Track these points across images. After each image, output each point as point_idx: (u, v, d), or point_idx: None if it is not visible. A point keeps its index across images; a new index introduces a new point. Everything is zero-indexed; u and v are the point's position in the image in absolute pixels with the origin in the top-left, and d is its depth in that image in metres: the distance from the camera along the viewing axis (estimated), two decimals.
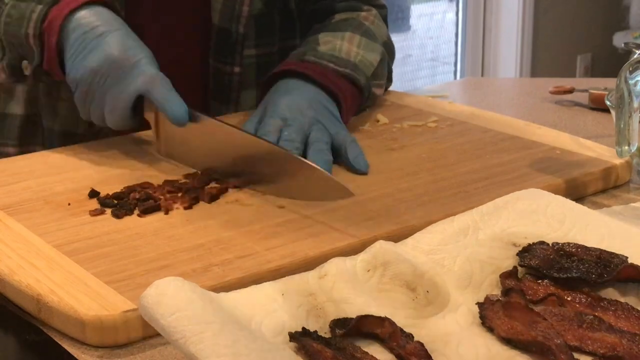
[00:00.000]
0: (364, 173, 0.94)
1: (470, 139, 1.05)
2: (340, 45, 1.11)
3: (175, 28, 1.16)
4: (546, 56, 3.68)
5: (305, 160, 0.88)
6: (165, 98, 0.93)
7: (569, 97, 1.33)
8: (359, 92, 1.09)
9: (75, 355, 0.65)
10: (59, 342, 0.67)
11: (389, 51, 1.19)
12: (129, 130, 1.01)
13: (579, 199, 0.89)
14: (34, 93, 1.15)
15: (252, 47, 1.17)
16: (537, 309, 0.63)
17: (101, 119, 0.97)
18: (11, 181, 0.92)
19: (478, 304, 0.64)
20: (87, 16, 0.97)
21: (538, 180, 0.90)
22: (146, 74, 0.94)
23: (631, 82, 0.92)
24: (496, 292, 0.67)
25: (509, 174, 0.93)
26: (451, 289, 0.67)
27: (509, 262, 0.69)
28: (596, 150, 0.98)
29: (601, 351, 0.59)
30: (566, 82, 1.38)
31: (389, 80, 1.22)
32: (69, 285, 0.69)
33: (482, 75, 3.65)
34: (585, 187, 0.93)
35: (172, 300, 0.57)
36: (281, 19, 1.21)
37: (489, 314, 0.63)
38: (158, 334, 0.66)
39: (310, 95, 1.02)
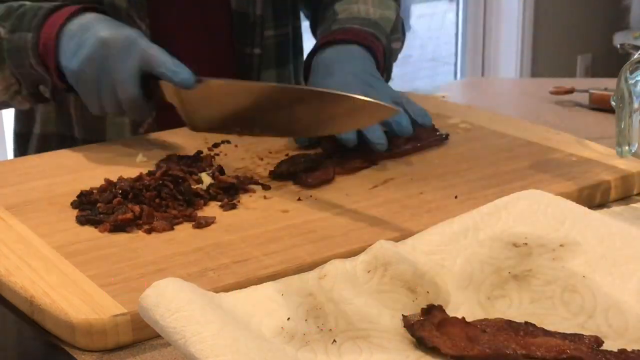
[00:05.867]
0: (429, 125, 1.01)
1: (485, 145, 1.03)
2: (357, 8, 1.17)
3: (198, 16, 1.19)
4: (546, 56, 3.68)
5: (338, 92, 0.88)
6: (164, 64, 0.95)
7: (569, 97, 1.33)
8: (383, 50, 1.13)
9: (75, 356, 0.65)
10: (59, 343, 0.67)
11: (398, 3, 1.26)
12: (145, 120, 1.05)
13: (596, 207, 0.86)
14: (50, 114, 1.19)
15: (271, 29, 1.23)
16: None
17: (116, 105, 0.98)
18: (20, 181, 0.93)
19: (407, 326, 0.62)
20: (74, 24, 1.00)
21: (551, 188, 0.86)
22: (140, 48, 0.96)
23: (631, 82, 0.92)
24: (496, 292, 0.67)
25: (520, 180, 0.91)
26: (451, 290, 0.67)
27: (509, 262, 0.69)
28: (616, 158, 0.95)
29: (552, 354, 0.58)
30: (566, 82, 1.38)
31: (403, 34, 1.27)
32: (63, 288, 0.69)
33: (482, 75, 3.65)
34: (602, 196, 0.90)
35: (172, 301, 0.57)
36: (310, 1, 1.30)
37: (425, 335, 0.61)
38: (149, 338, 0.66)
39: (354, 55, 1.07)
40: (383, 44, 1.13)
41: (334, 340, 0.60)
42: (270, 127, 0.93)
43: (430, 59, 3.80)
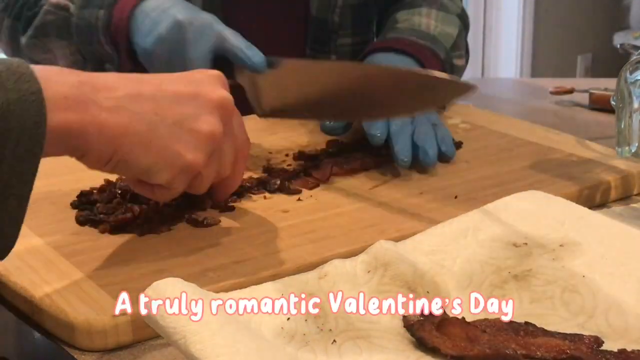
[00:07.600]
0: (450, 157, 0.97)
1: (485, 144, 1.03)
2: (418, 20, 1.17)
3: (274, 19, 1.23)
4: (546, 56, 3.68)
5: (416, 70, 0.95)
6: (238, 46, 0.94)
7: (569, 97, 1.34)
8: (441, 65, 1.11)
9: (75, 356, 0.65)
10: (59, 343, 0.67)
11: (464, 23, 1.24)
12: None
13: (596, 207, 0.86)
14: None
15: (348, 37, 1.25)
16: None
17: None
18: None
19: (407, 327, 0.62)
20: (149, 3, 1.00)
21: (551, 188, 0.86)
22: (215, 30, 0.95)
23: (631, 82, 0.92)
24: (496, 292, 0.67)
25: (520, 180, 0.91)
26: (451, 290, 0.67)
27: (509, 262, 0.69)
28: (616, 158, 0.95)
29: (552, 355, 0.58)
30: (566, 82, 1.38)
31: (467, 52, 1.26)
32: (63, 288, 0.69)
33: (482, 75, 3.65)
34: (602, 196, 0.90)
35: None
36: (379, 10, 1.29)
37: (425, 335, 0.61)
38: (149, 338, 0.66)
39: (398, 63, 1.06)
40: (441, 58, 1.11)
41: (334, 341, 0.60)
42: (341, 111, 0.93)
43: None
